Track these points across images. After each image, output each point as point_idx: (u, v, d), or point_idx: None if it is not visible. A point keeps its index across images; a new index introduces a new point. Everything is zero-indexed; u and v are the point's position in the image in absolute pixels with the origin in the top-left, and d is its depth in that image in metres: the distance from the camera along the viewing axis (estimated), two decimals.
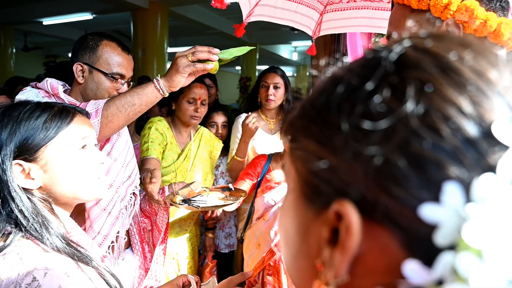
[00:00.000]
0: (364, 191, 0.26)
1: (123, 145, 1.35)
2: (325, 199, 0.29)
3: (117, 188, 1.28)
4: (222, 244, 2.42)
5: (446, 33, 0.31)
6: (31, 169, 0.80)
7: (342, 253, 0.27)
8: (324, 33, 2.18)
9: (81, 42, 1.32)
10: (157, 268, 1.50)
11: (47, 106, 0.84)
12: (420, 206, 0.24)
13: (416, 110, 0.25)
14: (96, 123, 1.16)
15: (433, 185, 0.24)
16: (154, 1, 6.10)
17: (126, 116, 1.19)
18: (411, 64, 0.27)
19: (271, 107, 2.22)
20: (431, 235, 0.23)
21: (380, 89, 0.27)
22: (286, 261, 0.36)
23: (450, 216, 0.23)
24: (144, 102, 1.21)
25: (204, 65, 1.21)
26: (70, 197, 0.85)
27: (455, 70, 0.26)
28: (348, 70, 0.31)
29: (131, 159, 1.39)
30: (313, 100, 0.33)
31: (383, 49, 0.30)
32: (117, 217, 1.27)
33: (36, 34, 9.94)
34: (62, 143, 0.83)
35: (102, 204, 1.24)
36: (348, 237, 0.27)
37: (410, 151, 0.25)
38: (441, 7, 0.72)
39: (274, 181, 1.91)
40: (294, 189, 0.34)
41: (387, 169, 0.25)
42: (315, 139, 0.30)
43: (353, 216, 0.26)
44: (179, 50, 5.14)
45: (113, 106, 1.18)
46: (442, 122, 0.24)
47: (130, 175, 1.38)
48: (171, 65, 1.23)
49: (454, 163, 0.24)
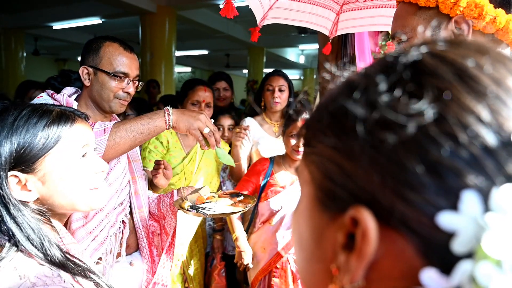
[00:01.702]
0: (380, 197, 0.26)
1: (121, 171, 1.35)
2: (340, 204, 0.29)
3: (107, 213, 1.28)
4: (230, 246, 2.41)
5: (463, 39, 0.31)
6: (28, 180, 0.74)
7: (359, 259, 0.27)
8: (341, 32, 2.19)
9: (86, 47, 1.34)
10: (164, 272, 1.49)
11: (45, 111, 0.78)
12: (438, 214, 0.24)
13: (434, 118, 0.25)
14: (103, 141, 1.16)
15: (451, 193, 0.24)
16: (162, 5, 6.16)
17: (132, 142, 1.20)
18: (428, 71, 0.27)
19: (277, 109, 2.25)
20: (448, 243, 0.23)
21: (397, 95, 0.27)
22: (299, 264, 0.37)
23: (468, 224, 0.22)
24: (151, 132, 1.23)
25: (204, 143, 1.28)
26: (68, 209, 0.81)
27: (473, 78, 0.26)
28: (364, 76, 0.31)
29: (125, 186, 1.38)
30: (328, 104, 0.32)
31: (399, 55, 0.30)
32: (102, 242, 1.25)
33: (46, 38, 10.10)
34: (62, 153, 0.77)
35: (89, 227, 1.22)
36: (365, 243, 0.27)
37: (428, 158, 0.25)
38: (450, 3, 0.71)
39: (278, 185, 1.89)
40: (309, 194, 0.34)
41: (404, 175, 0.25)
42: (330, 144, 0.30)
43: (369, 222, 0.26)
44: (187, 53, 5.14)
45: (123, 130, 1.19)
46: (460, 130, 0.24)
47: (122, 202, 1.37)
48: (190, 115, 1.26)
49: (472, 172, 0.24)
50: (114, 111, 1.34)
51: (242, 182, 1.95)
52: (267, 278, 1.88)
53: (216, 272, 2.24)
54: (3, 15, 8.41)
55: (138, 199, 1.47)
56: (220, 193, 1.50)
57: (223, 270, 2.27)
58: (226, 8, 1.68)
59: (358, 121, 0.28)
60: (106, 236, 1.28)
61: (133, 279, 1.43)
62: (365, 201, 0.27)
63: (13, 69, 8.74)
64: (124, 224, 1.40)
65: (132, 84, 1.35)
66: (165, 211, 1.49)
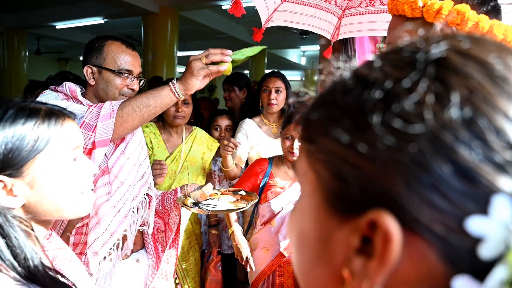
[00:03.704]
0: (403, 200, 0.25)
1: (137, 144, 1.38)
2: (355, 206, 0.27)
3: (128, 186, 1.30)
4: (225, 245, 2.42)
5: (482, 35, 0.30)
6: (14, 185, 0.68)
7: (380, 265, 0.26)
8: (342, 36, 2.22)
9: (88, 47, 1.37)
10: (168, 268, 1.52)
11: (32, 110, 0.72)
12: (466, 218, 0.23)
13: (463, 118, 0.24)
14: (110, 124, 1.18)
15: (480, 197, 0.23)
16: (164, 6, 6.18)
17: (141, 117, 1.22)
18: (455, 69, 0.26)
19: (274, 111, 2.25)
20: (474, 248, 0.23)
21: (421, 93, 0.26)
22: (298, 267, 0.34)
23: (498, 229, 0.22)
24: (159, 104, 1.23)
25: (218, 66, 1.23)
26: (54, 215, 0.75)
27: (503, 78, 0.25)
28: (379, 70, 0.29)
29: (144, 159, 1.41)
30: (337, 100, 0.30)
31: (418, 49, 0.28)
32: (125, 215, 1.29)
33: (49, 38, 10.12)
34: (52, 156, 0.72)
35: (112, 202, 1.26)
36: (388, 250, 0.25)
37: (456, 160, 0.23)
38: (433, 12, 0.75)
39: (278, 186, 1.90)
40: (314, 194, 0.32)
41: (431, 178, 0.24)
42: (342, 142, 0.28)
43: (393, 227, 0.25)
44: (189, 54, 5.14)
45: (129, 106, 1.20)
46: (491, 133, 0.23)
47: (143, 175, 1.40)
48: (186, 69, 1.26)
49: (503, 175, 0.23)
50: None
51: (240, 182, 1.96)
52: (271, 277, 1.90)
53: (212, 265, 2.25)
54: (6, 14, 8.44)
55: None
56: (223, 191, 1.52)
57: (219, 264, 2.28)
58: (234, 7, 1.71)
59: (377, 118, 0.26)
60: (129, 208, 1.31)
61: (139, 275, 1.46)
62: (385, 204, 0.26)
63: (16, 68, 8.77)
64: (150, 197, 1.42)
65: (136, 81, 1.38)
66: (169, 208, 1.51)
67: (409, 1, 0.77)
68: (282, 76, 2.29)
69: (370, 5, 2.06)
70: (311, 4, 2.06)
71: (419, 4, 0.76)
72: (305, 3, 2.04)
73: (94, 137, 1.17)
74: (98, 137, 1.18)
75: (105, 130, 1.18)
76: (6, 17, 8.49)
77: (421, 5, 0.76)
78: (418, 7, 0.77)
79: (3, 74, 8.74)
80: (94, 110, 1.20)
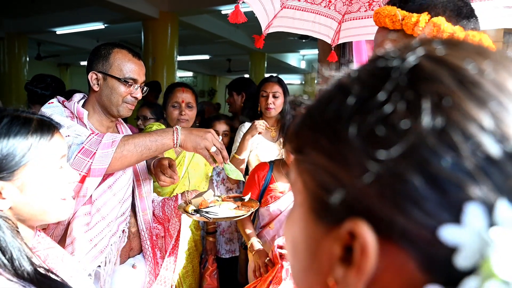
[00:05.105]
0: (378, 209, 0.25)
1: (125, 182, 1.36)
2: (336, 216, 0.28)
3: (109, 222, 1.29)
4: (223, 249, 2.43)
5: (461, 40, 0.29)
6: (4, 188, 0.74)
7: (358, 274, 0.26)
8: (342, 41, 2.25)
9: (94, 53, 1.38)
10: (167, 275, 1.51)
11: (26, 120, 0.79)
12: (440, 228, 0.22)
13: (433, 127, 0.24)
14: (109, 153, 1.18)
15: (454, 205, 0.22)
16: (164, 11, 6.21)
17: (139, 156, 1.23)
18: (426, 76, 0.25)
19: (271, 115, 2.29)
20: (451, 257, 0.22)
21: (394, 102, 0.25)
22: (294, 274, 0.35)
23: (472, 238, 0.21)
24: (158, 149, 1.26)
25: (212, 161, 1.30)
26: (38, 218, 0.81)
27: (475, 83, 0.24)
28: (357, 79, 0.29)
29: (128, 197, 1.40)
30: (320, 109, 0.30)
31: (394, 57, 0.28)
32: (101, 251, 1.27)
33: (49, 43, 10.16)
34: (42, 163, 0.78)
35: (90, 235, 1.24)
36: (364, 258, 0.25)
37: (428, 169, 0.23)
38: (411, 25, 0.80)
39: (278, 191, 1.91)
40: (302, 203, 0.32)
41: (404, 188, 0.24)
42: (324, 153, 0.29)
43: (368, 236, 0.25)
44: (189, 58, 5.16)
45: (132, 143, 1.21)
46: (462, 140, 0.23)
47: (125, 212, 1.38)
48: (198, 134, 1.27)
49: (475, 183, 0.22)
50: (122, 115, 1.38)
51: (247, 188, 1.98)
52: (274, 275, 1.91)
53: (207, 274, 2.26)
54: (7, 20, 8.48)
55: (142, 202, 1.49)
56: (224, 197, 1.52)
57: (215, 272, 2.29)
58: (234, 14, 1.72)
59: (353, 128, 0.26)
60: (107, 245, 1.29)
61: (135, 281, 1.45)
62: (362, 213, 0.26)
63: (16, 73, 8.79)
64: (124, 232, 1.41)
65: (139, 89, 1.39)
66: (170, 214, 1.51)
67: (390, 14, 0.83)
68: (280, 81, 2.33)
69: (370, 9, 2.07)
70: (311, 10, 2.08)
71: (399, 17, 0.81)
72: (305, 9, 2.06)
73: (91, 164, 1.16)
74: (94, 164, 1.17)
75: (103, 159, 1.17)
76: (7, 22, 8.53)
77: (400, 18, 0.81)
78: (398, 20, 0.81)
79: (4, 79, 8.76)
80: (95, 137, 1.20)
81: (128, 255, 1.44)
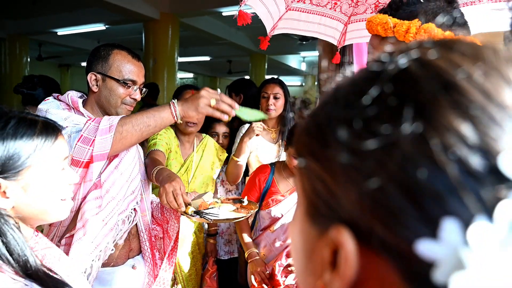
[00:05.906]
0: (359, 219, 0.24)
1: (130, 160, 1.38)
2: (325, 221, 0.28)
3: (118, 201, 1.31)
4: (222, 251, 2.43)
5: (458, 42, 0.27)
6: (8, 187, 0.75)
7: (341, 279, 0.26)
8: (349, 42, 2.26)
9: (94, 54, 1.38)
10: (166, 276, 1.51)
11: (31, 122, 0.80)
12: (417, 241, 0.21)
13: (412, 135, 0.22)
14: (108, 139, 1.19)
15: (431, 219, 0.21)
16: (165, 13, 6.23)
17: (139, 135, 1.23)
18: (411, 82, 0.24)
19: (272, 116, 2.29)
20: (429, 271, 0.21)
21: (377, 107, 0.25)
22: (297, 275, 0.35)
23: (449, 254, 0.20)
24: (158, 125, 1.25)
25: (221, 114, 1.26)
26: (38, 218, 0.82)
27: (459, 90, 0.23)
28: (350, 85, 0.29)
29: (136, 175, 1.41)
30: (315, 114, 0.30)
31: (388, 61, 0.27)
32: (111, 228, 1.29)
33: (50, 44, 10.19)
34: (45, 165, 0.80)
35: (102, 216, 1.26)
36: (345, 265, 0.25)
37: (405, 181, 0.22)
38: (403, 32, 0.82)
39: (279, 194, 1.90)
40: (301, 205, 0.32)
41: (382, 198, 0.23)
42: (314, 157, 0.29)
43: (349, 244, 0.25)
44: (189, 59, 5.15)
45: (129, 123, 1.22)
46: (440, 151, 0.21)
47: (134, 190, 1.40)
48: (193, 98, 1.27)
49: (453, 198, 0.21)
50: None
51: (247, 190, 1.97)
52: None
53: (207, 275, 2.27)
54: (8, 21, 8.51)
55: (141, 203, 1.49)
56: (223, 199, 1.52)
57: (215, 274, 2.29)
58: (240, 17, 1.74)
59: (338, 134, 0.26)
60: (116, 222, 1.31)
61: (135, 282, 1.45)
62: (345, 220, 0.25)
63: (17, 74, 8.81)
64: (135, 212, 1.42)
65: (138, 91, 1.39)
66: (169, 216, 1.51)
67: (382, 22, 0.84)
68: (281, 82, 2.33)
69: (375, 11, 2.08)
70: (317, 12, 2.08)
71: (390, 25, 0.83)
72: (310, 11, 2.06)
73: (92, 151, 1.18)
74: (96, 151, 1.18)
75: (103, 144, 1.19)
76: (8, 23, 8.55)
77: (392, 25, 0.83)
78: (389, 27, 0.83)
79: (5, 79, 8.78)
80: (92, 124, 1.21)
81: (127, 256, 1.44)
